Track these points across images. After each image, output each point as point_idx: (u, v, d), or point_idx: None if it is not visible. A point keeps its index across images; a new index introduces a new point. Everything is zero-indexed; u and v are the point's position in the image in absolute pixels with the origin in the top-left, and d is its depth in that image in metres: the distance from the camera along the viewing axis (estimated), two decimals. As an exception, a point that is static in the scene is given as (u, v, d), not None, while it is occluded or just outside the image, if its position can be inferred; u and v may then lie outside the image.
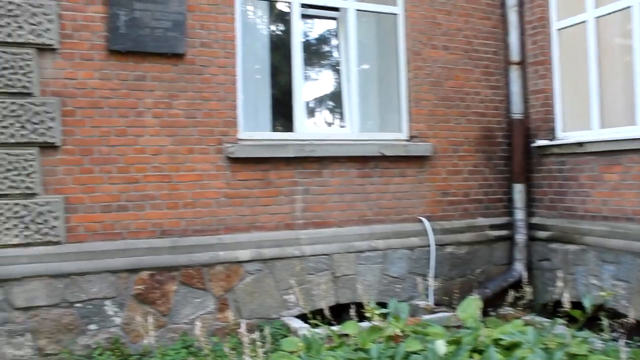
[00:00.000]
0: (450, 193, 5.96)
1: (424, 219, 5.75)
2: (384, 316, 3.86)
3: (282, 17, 6.16)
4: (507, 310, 5.44)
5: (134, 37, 4.67)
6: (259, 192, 5.10)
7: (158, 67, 4.79)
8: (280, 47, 5.85)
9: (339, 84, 6.10)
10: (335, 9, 5.92)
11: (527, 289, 4.66)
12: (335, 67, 6.40)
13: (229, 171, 4.99)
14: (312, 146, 5.23)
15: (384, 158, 5.58)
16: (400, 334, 3.63)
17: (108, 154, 4.66)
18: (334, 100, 6.35)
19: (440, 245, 5.76)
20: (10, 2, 4.38)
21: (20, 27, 4.39)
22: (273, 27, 6.15)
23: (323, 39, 6.46)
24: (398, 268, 5.57)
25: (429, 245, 5.70)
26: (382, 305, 4.04)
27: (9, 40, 4.37)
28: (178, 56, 4.83)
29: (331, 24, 6.22)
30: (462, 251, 5.90)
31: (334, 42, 6.31)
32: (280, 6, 6.05)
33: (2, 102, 4.36)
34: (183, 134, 4.86)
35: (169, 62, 4.83)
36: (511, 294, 4.83)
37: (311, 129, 5.45)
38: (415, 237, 5.70)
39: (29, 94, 4.43)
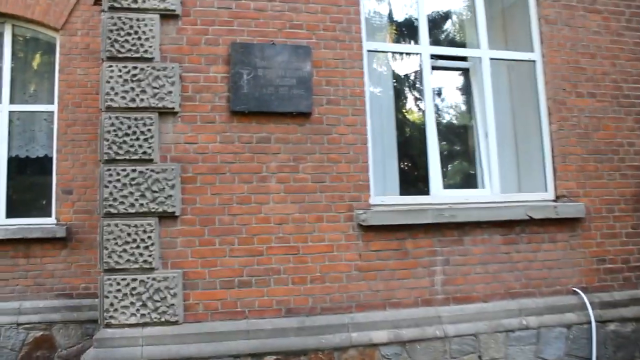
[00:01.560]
0: (608, 260, 4.97)
1: (579, 291, 4.78)
2: None
3: (408, 70, 5.55)
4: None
5: (257, 96, 4.18)
6: (395, 263, 4.37)
7: (283, 127, 4.26)
8: (406, 102, 5.22)
9: (472, 139, 5.35)
10: (465, 59, 5.26)
11: None
12: (466, 121, 5.65)
13: (360, 241, 4.31)
14: (452, 210, 4.46)
15: (530, 222, 4.72)
16: None
17: (229, 223, 4.11)
18: (467, 158, 5.58)
19: (600, 322, 4.75)
20: (134, 67, 4.02)
21: (143, 92, 4.02)
22: (398, 81, 5.54)
23: (453, 92, 5.77)
24: (554, 350, 4.60)
25: (587, 322, 4.70)
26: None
27: (132, 105, 3.99)
28: (304, 115, 4.29)
29: (462, 75, 5.52)
30: (627, 329, 4.84)
31: (464, 94, 5.59)
32: (408, 58, 5.43)
33: (123, 170, 3.95)
34: (310, 200, 4.25)
35: (295, 122, 4.29)
36: None
37: (448, 191, 4.71)
38: (571, 313, 4.72)
39: (149, 161, 4.00)
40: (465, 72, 5.43)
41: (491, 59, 5.02)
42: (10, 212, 6.03)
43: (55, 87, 6.22)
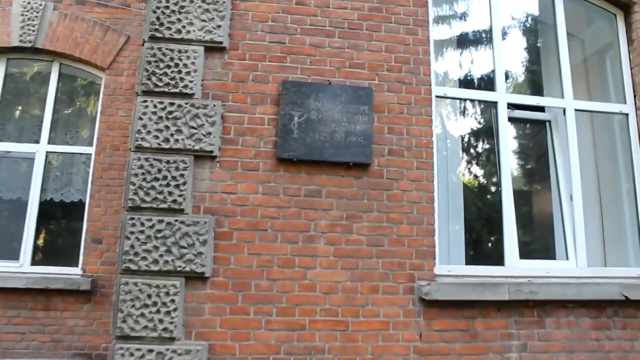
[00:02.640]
0: None
1: (687, 395, 3.81)
2: None
3: (478, 119, 4.85)
4: None
5: (309, 142, 3.54)
6: (462, 347, 3.54)
7: (337, 180, 3.59)
8: (474, 157, 4.50)
9: (550, 202, 4.54)
10: (542, 110, 4.54)
11: None
12: (544, 181, 4.86)
13: (421, 318, 3.52)
14: (532, 285, 3.64)
15: (625, 303, 3.84)
16: None
17: (268, 290, 3.40)
18: (544, 224, 4.76)
19: None
20: (171, 103, 3.47)
21: (179, 131, 3.44)
22: (466, 133, 4.84)
23: (528, 147, 5.01)
24: None
25: None
26: None
27: (165, 146, 3.41)
28: (362, 166, 3.62)
29: (539, 128, 4.76)
30: None
31: (541, 150, 4.82)
32: (478, 108, 4.75)
33: (149, 220, 3.33)
34: (365, 266, 3.51)
35: (350, 174, 3.61)
36: None
37: (526, 262, 3.90)
38: None
39: (179, 211, 3.38)
40: (541, 126, 4.68)
41: (576, 110, 4.27)
42: (39, 259, 5.51)
43: (96, 128, 5.77)
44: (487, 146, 4.78)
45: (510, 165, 4.00)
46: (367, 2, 3.93)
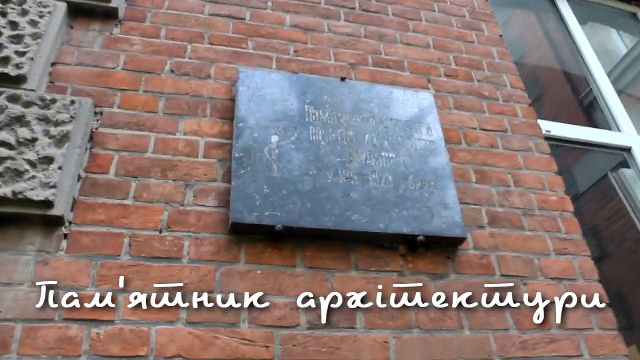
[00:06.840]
0: None
1: None
2: None
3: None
4: None
5: (309, 190, 1.38)
6: None
7: (387, 280, 1.36)
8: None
9: None
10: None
11: None
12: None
13: None
14: None
15: None
16: None
17: None
18: None
19: None
20: None
21: None
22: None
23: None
24: None
25: None
26: None
27: None
28: (444, 246, 1.43)
29: None
30: None
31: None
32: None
33: None
34: None
35: (419, 266, 1.38)
36: None
37: None
38: None
39: None
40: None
41: None
42: None
43: None
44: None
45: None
46: (386, -22, 2.14)
